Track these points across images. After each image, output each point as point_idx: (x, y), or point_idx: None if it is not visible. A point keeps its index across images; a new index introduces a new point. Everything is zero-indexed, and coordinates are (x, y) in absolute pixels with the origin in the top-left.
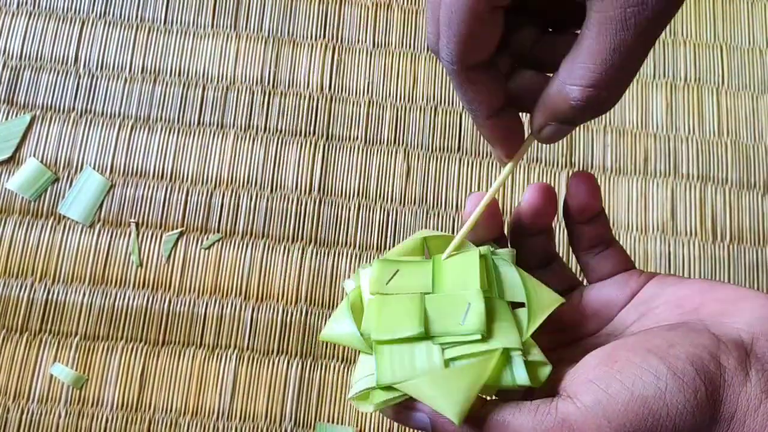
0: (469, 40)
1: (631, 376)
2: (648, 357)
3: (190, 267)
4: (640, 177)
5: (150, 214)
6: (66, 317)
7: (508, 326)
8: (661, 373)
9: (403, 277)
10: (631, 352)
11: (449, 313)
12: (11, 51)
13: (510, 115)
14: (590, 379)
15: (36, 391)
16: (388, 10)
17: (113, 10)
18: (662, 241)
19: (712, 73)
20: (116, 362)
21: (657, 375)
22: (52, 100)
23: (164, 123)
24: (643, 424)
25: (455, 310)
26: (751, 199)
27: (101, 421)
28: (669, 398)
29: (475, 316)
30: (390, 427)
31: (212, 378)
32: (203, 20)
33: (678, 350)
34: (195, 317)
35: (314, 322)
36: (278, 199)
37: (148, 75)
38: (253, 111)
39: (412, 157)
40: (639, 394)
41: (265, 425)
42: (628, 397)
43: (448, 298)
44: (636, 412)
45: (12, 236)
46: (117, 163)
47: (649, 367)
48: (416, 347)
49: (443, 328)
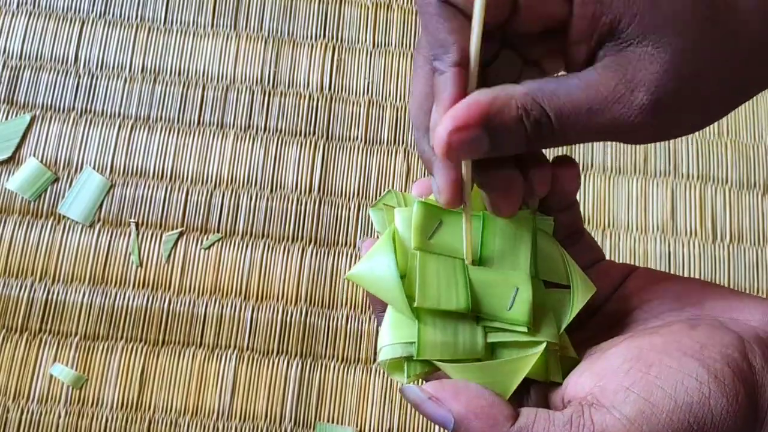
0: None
1: (672, 382)
2: (685, 360)
3: (190, 267)
4: (640, 177)
5: (150, 214)
6: (66, 317)
7: (549, 316)
8: (702, 377)
9: (447, 232)
10: (665, 354)
11: (495, 294)
12: (11, 51)
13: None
14: (627, 387)
15: (36, 391)
16: (388, 10)
17: (113, 9)
18: (662, 241)
19: None
20: (116, 362)
21: (699, 380)
22: (52, 99)
23: (164, 123)
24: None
25: (502, 291)
26: (751, 199)
27: (101, 421)
28: (713, 404)
29: (522, 305)
30: (390, 427)
31: (212, 378)
32: (203, 20)
33: (711, 351)
34: (195, 317)
35: (314, 322)
36: (278, 199)
37: (148, 75)
38: (253, 111)
39: (412, 157)
40: (683, 401)
41: (265, 425)
42: (672, 405)
43: (496, 276)
44: (681, 420)
45: (12, 236)
46: (117, 163)
47: (689, 371)
48: (460, 324)
49: (489, 308)
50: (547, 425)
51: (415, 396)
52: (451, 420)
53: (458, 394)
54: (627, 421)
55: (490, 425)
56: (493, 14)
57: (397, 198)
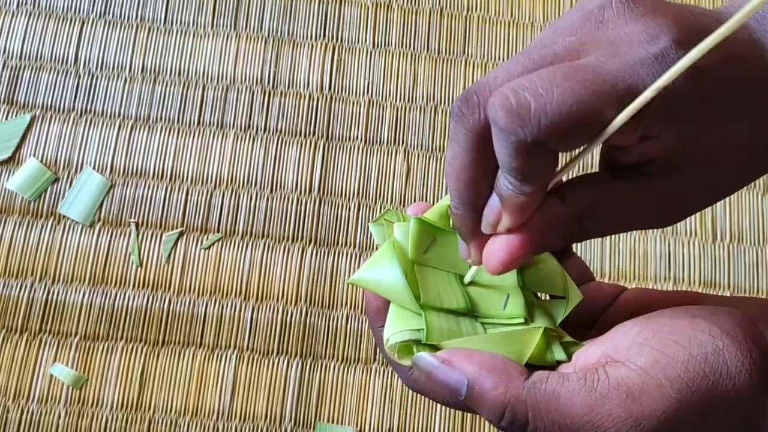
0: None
1: (686, 336)
2: (697, 321)
3: (190, 267)
4: None
5: (150, 214)
6: (66, 317)
7: (544, 313)
8: (715, 333)
9: (440, 249)
10: (675, 318)
11: (490, 300)
12: (11, 51)
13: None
14: (640, 343)
15: (36, 391)
16: (388, 10)
17: (113, 10)
18: (662, 241)
19: None
20: (116, 362)
21: (712, 335)
22: (52, 99)
23: (164, 123)
24: (704, 383)
25: (496, 298)
26: (751, 199)
27: (101, 421)
28: (727, 356)
29: (516, 304)
30: (390, 426)
31: (212, 378)
32: (203, 20)
33: (722, 316)
34: (195, 317)
35: (314, 322)
36: (278, 199)
37: (148, 75)
38: (253, 111)
39: (412, 157)
40: (698, 352)
41: (265, 425)
42: (686, 356)
43: (488, 287)
44: (697, 371)
45: (12, 236)
46: (117, 163)
47: (702, 329)
48: (461, 318)
49: (485, 311)
50: (561, 380)
51: (427, 363)
52: (464, 382)
53: (471, 357)
54: (642, 372)
55: (504, 380)
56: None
57: (396, 216)
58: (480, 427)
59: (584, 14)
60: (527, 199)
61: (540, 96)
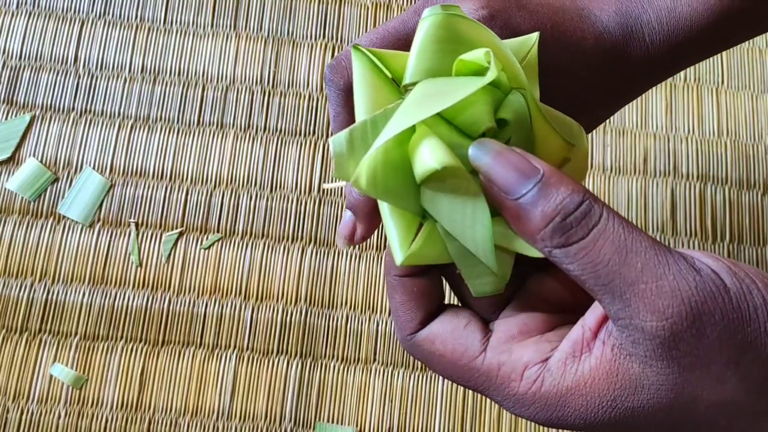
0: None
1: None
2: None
3: (189, 267)
4: (640, 177)
5: (150, 214)
6: (66, 317)
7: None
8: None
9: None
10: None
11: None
12: (11, 51)
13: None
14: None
15: (36, 391)
16: (388, 10)
17: (113, 9)
18: (662, 241)
19: (711, 72)
20: (116, 362)
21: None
22: (51, 99)
23: (164, 123)
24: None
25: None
26: (751, 199)
27: (101, 421)
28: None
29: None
30: (390, 426)
31: (212, 378)
32: (203, 20)
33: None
34: (195, 317)
35: (314, 322)
36: (278, 199)
37: (147, 75)
38: (252, 111)
39: None
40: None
41: (265, 425)
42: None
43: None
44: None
45: (12, 236)
46: (117, 163)
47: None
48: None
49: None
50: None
51: (491, 148)
52: (538, 170)
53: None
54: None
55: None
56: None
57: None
58: (480, 427)
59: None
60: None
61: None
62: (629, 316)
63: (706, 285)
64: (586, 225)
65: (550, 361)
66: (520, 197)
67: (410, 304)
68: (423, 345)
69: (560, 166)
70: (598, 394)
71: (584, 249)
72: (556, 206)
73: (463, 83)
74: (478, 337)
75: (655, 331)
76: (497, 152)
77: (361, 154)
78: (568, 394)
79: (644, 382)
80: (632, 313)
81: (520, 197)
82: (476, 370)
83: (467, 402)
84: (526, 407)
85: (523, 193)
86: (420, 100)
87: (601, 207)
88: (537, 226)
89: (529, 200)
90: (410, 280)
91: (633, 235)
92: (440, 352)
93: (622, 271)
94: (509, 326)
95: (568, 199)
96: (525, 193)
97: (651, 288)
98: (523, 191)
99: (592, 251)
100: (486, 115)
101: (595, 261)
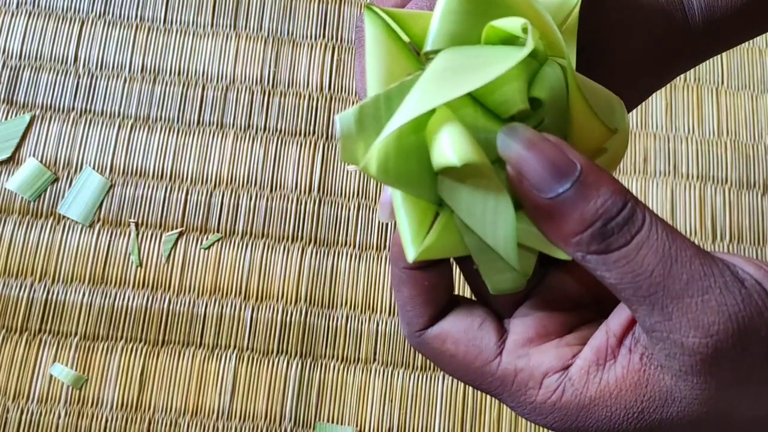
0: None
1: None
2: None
3: (189, 267)
4: (640, 177)
5: (150, 214)
6: (66, 317)
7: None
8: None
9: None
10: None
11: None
12: (11, 50)
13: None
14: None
15: (36, 391)
16: None
17: (113, 9)
18: None
19: (711, 73)
20: (116, 362)
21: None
22: (51, 99)
23: (164, 123)
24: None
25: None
26: (751, 199)
27: (101, 421)
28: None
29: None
30: (390, 426)
31: (212, 378)
32: (203, 20)
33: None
34: (195, 317)
35: (314, 322)
36: (278, 199)
37: (147, 75)
38: (252, 111)
39: None
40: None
41: (265, 425)
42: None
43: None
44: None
45: (12, 236)
46: (117, 163)
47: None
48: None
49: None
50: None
51: (523, 136)
52: (576, 166)
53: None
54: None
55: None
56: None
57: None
58: (480, 427)
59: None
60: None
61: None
62: (668, 330)
63: (752, 299)
64: (628, 231)
65: (572, 370)
66: (555, 196)
67: (420, 298)
68: (432, 343)
69: (596, 155)
70: (624, 405)
71: (625, 258)
72: (597, 210)
73: (494, 55)
74: (493, 339)
75: (697, 347)
76: (530, 142)
77: (371, 134)
78: (591, 405)
79: (676, 395)
80: (672, 327)
81: (556, 196)
82: (490, 374)
83: (467, 402)
84: (543, 416)
85: (559, 192)
86: (443, 75)
87: (643, 211)
88: (573, 230)
89: (565, 200)
90: (420, 273)
91: (677, 243)
92: (451, 353)
93: (666, 284)
94: (526, 327)
95: (610, 201)
96: (561, 193)
97: (696, 302)
98: (559, 190)
99: (633, 260)
100: (519, 95)
101: (637, 271)
